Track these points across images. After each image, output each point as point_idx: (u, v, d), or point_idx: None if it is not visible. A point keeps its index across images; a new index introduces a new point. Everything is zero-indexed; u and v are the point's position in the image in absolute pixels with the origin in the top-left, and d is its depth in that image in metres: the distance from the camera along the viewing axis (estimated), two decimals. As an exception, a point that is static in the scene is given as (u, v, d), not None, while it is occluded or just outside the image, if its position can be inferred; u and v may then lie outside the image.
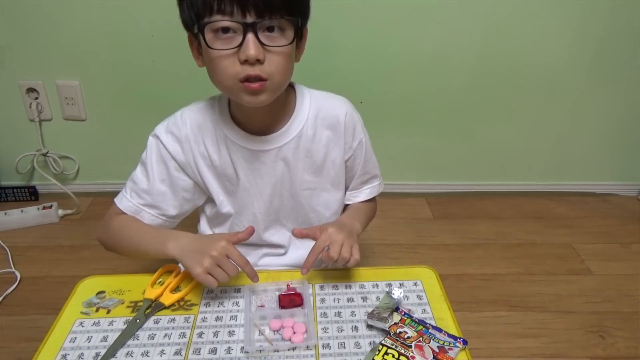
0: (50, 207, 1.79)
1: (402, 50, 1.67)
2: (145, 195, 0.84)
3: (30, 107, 1.74)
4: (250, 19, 0.66)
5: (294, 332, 0.70)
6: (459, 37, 1.66)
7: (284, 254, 0.95)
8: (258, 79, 0.70)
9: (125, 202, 0.85)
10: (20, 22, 1.59)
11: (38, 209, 1.78)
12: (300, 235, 0.81)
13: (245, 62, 0.68)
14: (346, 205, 0.99)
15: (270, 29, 0.69)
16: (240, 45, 0.68)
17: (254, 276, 0.74)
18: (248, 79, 0.70)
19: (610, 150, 1.93)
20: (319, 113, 0.85)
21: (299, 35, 0.75)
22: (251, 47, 0.67)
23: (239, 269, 0.74)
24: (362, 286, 0.81)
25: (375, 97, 1.73)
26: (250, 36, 0.67)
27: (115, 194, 0.88)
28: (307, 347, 0.69)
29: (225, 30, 0.68)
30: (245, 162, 0.84)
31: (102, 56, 1.66)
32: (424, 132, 1.87)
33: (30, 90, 1.71)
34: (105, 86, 1.73)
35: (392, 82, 1.73)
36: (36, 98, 1.73)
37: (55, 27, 1.60)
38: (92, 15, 1.58)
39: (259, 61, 0.69)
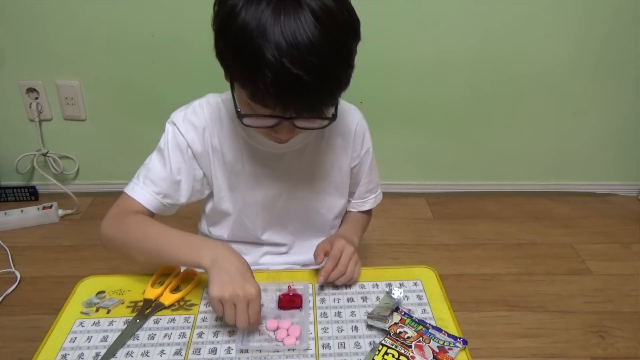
0: (50, 207, 1.79)
1: (403, 50, 1.67)
2: (162, 183, 0.81)
3: (30, 107, 1.74)
4: (289, 114, 0.65)
5: (288, 335, 0.70)
6: (459, 37, 1.66)
7: (286, 252, 0.95)
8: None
9: (138, 190, 0.81)
10: (20, 22, 1.59)
11: (38, 209, 1.78)
12: (321, 259, 0.80)
13: (277, 138, 0.72)
14: (345, 213, 1.00)
15: None
16: (274, 125, 0.68)
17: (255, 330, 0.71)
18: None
19: (610, 150, 1.93)
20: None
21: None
22: (284, 134, 0.70)
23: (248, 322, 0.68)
24: (362, 286, 0.81)
25: (376, 97, 1.73)
26: (285, 124, 0.67)
27: (115, 194, 0.86)
28: (295, 350, 0.68)
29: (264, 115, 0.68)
30: (256, 161, 0.84)
31: (102, 56, 1.66)
32: (424, 132, 1.87)
33: (30, 90, 1.71)
34: (105, 86, 1.73)
35: (392, 82, 1.73)
36: (36, 98, 1.73)
37: (55, 27, 1.60)
38: (92, 16, 1.58)
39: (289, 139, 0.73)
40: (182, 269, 0.83)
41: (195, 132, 0.82)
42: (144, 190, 0.81)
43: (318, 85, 0.60)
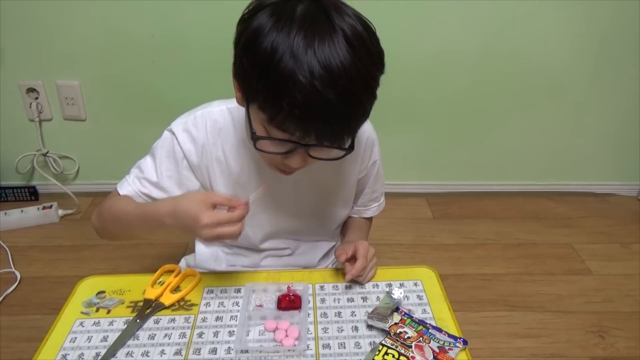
0: (50, 207, 1.79)
1: (403, 50, 1.67)
2: (148, 185, 0.82)
3: (30, 107, 1.74)
4: (307, 141, 0.62)
5: (287, 335, 0.70)
6: (460, 36, 1.66)
7: (288, 255, 0.95)
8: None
9: (125, 185, 0.83)
10: (20, 22, 1.59)
11: (38, 209, 1.78)
12: (344, 258, 0.80)
13: (288, 166, 0.69)
14: (348, 218, 1.00)
15: None
16: (288, 152, 0.66)
17: (243, 204, 0.69)
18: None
19: (610, 150, 1.93)
20: None
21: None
22: (297, 162, 0.67)
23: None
24: (362, 286, 0.81)
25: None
26: (300, 151, 0.65)
27: (116, 194, 0.87)
28: (294, 350, 0.68)
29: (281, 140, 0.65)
30: (262, 175, 0.83)
31: (102, 56, 1.66)
32: (424, 132, 1.87)
33: (30, 90, 1.71)
34: (105, 86, 1.73)
35: (392, 82, 1.71)
36: (36, 98, 1.73)
37: (55, 27, 1.60)
38: (92, 15, 1.58)
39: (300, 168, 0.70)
40: (183, 269, 0.83)
41: (194, 144, 0.80)
42: (130, 186, 0.83)
43: (345, 110, 0.59)
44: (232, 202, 0.69)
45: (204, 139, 0.80)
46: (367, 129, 0.87)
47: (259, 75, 0.60)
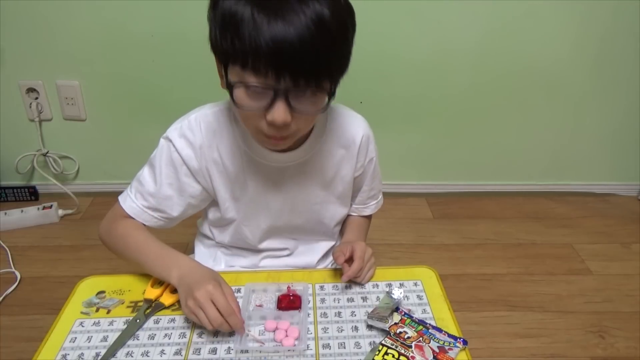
0: (50, 207, 1.79)
1: (403, 50, 1.68)
2: (150, 198, 0.82)
3: (30, 107, 1.74)
4: (283, 84, 0.61)
5: (286, 335, 0.70)
6: (460, 37, 1.66)
7: (287, 255, 0.95)
8: (282, 136, 0.70)
9: (129, 202, 0.83)
10: (20, 23, 1.59)
11: (38, 209, 1.78)
12: (342, 260, 0.80)
13: (272, 122, 0.66)
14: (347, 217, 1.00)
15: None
16: (269, 106, 0.64)
17: (239, 327, 0.69)
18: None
19: (610, 150, 1.93)
20: (337, 132, 0.84)
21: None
22: (280, 113, 0.64)
23: (226, 316, 0.68)
24: (362, 286, 0.81)
25: (376, 97, 1.73)
26: (280, 101, 0.63)
27: (115, 194, 0.87)
28: (294, 350, 0.68)
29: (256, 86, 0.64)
30: (259, 176, 0.83)
31: (102, 56, 1.66)
32: (424, 132, 1.87)
33: (30, 90, 1.71)
34: (105, 86, 1.73)
35: (392, 82, 1.74)
36: (36, 98, 1.73)
37: (55, 28, 1.60)
38: (92, 16, 1.58)
39: (285, 124, 0.66)
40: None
41: (192, 149, 0.80)
42: (134, 203, 0.83)
43: (311, 42, 0.59)
44: (233, 307, 0.69)
45: (200, 141, 0.80)
46: (360, 129, 0.87)
47: (223, 29, 0.62)
